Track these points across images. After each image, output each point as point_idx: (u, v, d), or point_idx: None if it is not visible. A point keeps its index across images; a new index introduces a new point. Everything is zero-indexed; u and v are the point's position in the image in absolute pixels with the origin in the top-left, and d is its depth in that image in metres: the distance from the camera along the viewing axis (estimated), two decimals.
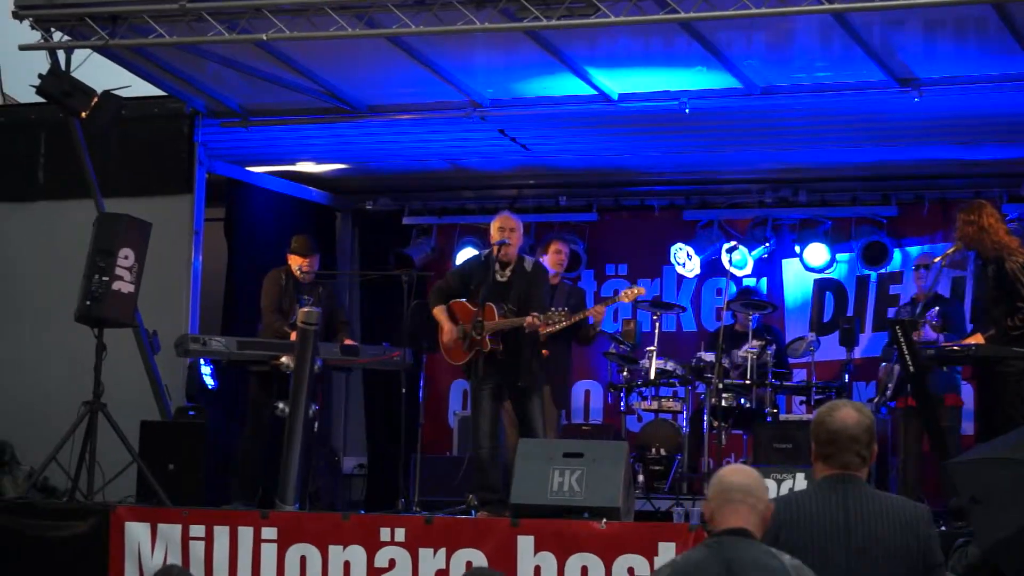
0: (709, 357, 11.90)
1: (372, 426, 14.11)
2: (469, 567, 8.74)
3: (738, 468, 5.03)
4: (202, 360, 11.89)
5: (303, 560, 9.26)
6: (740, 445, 12.42)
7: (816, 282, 13.22)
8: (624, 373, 12.12)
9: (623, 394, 12.14)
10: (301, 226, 12.76)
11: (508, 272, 10.41)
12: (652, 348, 11.97)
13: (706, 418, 11.63)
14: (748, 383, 11.78)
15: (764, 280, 13.50)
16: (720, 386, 11.53)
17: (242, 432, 11.33)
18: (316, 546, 9.25)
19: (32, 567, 9.88)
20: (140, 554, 9.58)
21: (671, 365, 11.98)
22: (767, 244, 13.40)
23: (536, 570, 8.75)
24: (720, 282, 13.24)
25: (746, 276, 13.35)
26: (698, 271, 13.46)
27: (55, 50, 10.68)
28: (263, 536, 9.37)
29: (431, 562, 9.00)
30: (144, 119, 12.48)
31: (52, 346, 12.45)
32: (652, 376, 11.88)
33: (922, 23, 9.91)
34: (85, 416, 10.33)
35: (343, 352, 11.44)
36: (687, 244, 13.44)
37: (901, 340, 9.71)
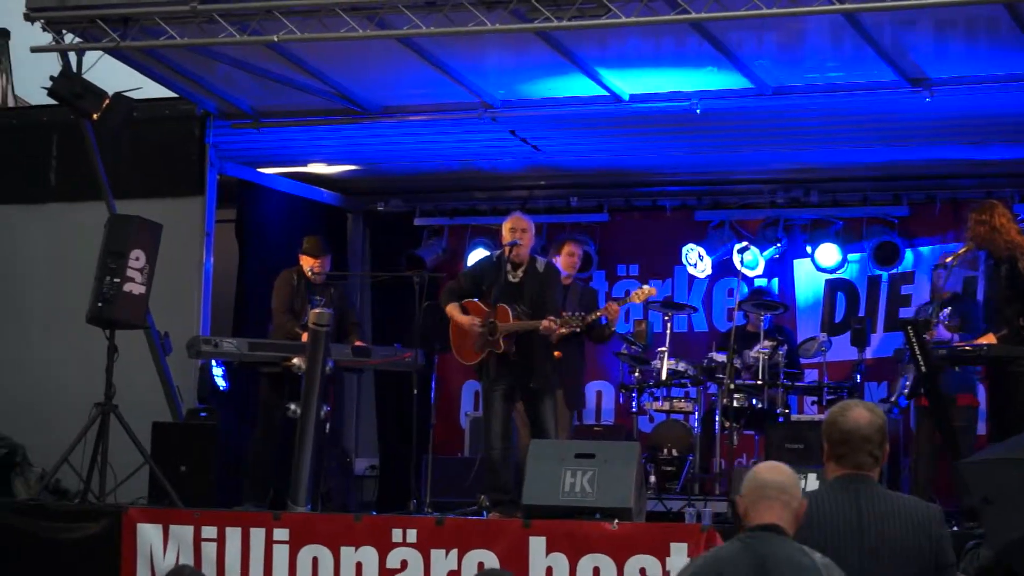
0: (721, 358, 11.87)
1: (384, 427, 14.10)
2: (481, 568, 8.74)
3: (773, 465, 5.02)
4: (214, 361, 11.89)
5: (315, 561, 9.27)
6: (752, 446, 12.40)
7: (828, 282, 13.17)
8: (636, 374, 12.10)
9: (635, 395, 12.11)
10: (312, 227, 12.74)
11: (520, 273, 10.41)
12: (664, 349, 11.94)
13: (718, 419, 11.62)
14: (760, 383, 11.76)
15: (776, 280, 13.46)
16: (732, 386, 11.49)
17: (253, 433, 11.32)
18: (328, 547, 9.27)
19: (44, 569, 9.90)
20: (152, 555, 9.60)
21: (683, 366, 11.96)
22: (778, 244, 13.37)
23: (548, 571, 8.76)
24: (732, 282, 13.22)
25: (758, 276, 13.33)
26: (709, 271, 13.43)
27: (67, 52, 10.69)
28: (275, 537, 9.39)
29: (443, 563, 9.00)
30: (155, 121, 12.51)
31: (64, 348, 12.45)
32: (664, 377, 11.86)
33: (933, 23, 9.88)
34: (97, 418, 10.35)
35: (355, 353, 11.44)
36: (698, 244, 13.40)
37: (913, 340, 9.70)
